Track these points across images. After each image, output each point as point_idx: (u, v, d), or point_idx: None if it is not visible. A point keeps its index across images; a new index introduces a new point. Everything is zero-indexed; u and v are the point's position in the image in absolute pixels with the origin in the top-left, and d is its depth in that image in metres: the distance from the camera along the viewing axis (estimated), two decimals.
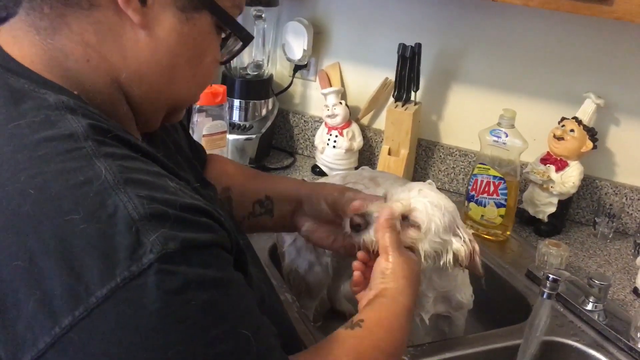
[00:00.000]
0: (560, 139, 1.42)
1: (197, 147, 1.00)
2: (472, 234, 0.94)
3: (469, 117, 1.61)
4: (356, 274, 0.86)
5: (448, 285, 0.99)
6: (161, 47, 0.64)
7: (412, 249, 0.88)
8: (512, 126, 1.36)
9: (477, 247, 0.93)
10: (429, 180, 0.98)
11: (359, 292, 0.85)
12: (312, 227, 0.97)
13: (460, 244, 0.91)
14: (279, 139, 1.83)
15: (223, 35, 0.71)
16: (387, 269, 0.81)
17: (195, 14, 0.64)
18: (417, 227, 0.88)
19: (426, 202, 0.89)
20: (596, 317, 1.10)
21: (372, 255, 0.86)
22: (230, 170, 1.05)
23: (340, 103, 1.65)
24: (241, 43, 0.73)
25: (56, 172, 0.53)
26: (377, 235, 0.84)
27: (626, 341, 1.05)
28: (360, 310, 0.79)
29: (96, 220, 0.51)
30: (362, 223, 0.87)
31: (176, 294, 0.51)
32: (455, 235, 0.91)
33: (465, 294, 1.03)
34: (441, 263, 0.91)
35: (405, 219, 0.89)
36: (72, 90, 0.62)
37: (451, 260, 0.91)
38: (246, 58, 1.72)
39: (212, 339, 0.53)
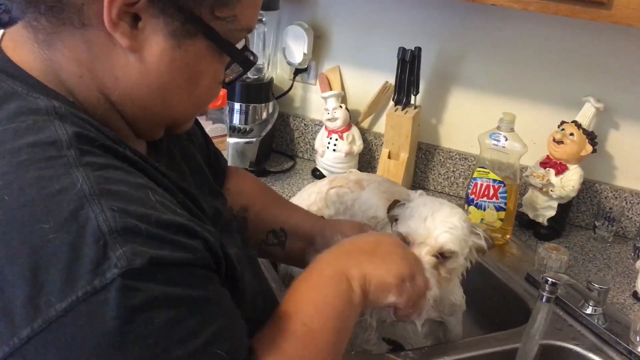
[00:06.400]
0: (559, 142, 1.43)
1: (216, 155, 0.98)
2: None
3: (469, 121, 1.61)
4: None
5: (442, 291, 0.99)
6: (151, 72, 0.62)
7: (449, 278, 0.90)
8: (512, 130, 1.36)
9: (490, 234, 0.95)
10: (420, 191, 0.97)
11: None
12: None
13: (480, 240, 0.92)
14: (279, 143, 1.83)
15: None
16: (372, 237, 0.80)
17: (188, 40, 0.61)
18: (454, 256, 0.89)
19: (449, 230, 0.88)
20: (595, 320, 1.10)
21: None
22: (251, 189, 1.02)
23: (341, 106, 1.65)
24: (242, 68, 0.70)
25: (33, 179, 0.52)
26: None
27: (625, 345, 1.05)
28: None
29: (66, 231, 0.50)
30: None
31: (138, 312, 0.49)
32: (472, 233, 0.92)
33: (457, 295, 1.03)
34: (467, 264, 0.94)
35: (438, 254, 0.88)
36: (67, 97, 0.62)
37: (475, 256, 0.93)
38: None
39: (175, 359, 0.51)
